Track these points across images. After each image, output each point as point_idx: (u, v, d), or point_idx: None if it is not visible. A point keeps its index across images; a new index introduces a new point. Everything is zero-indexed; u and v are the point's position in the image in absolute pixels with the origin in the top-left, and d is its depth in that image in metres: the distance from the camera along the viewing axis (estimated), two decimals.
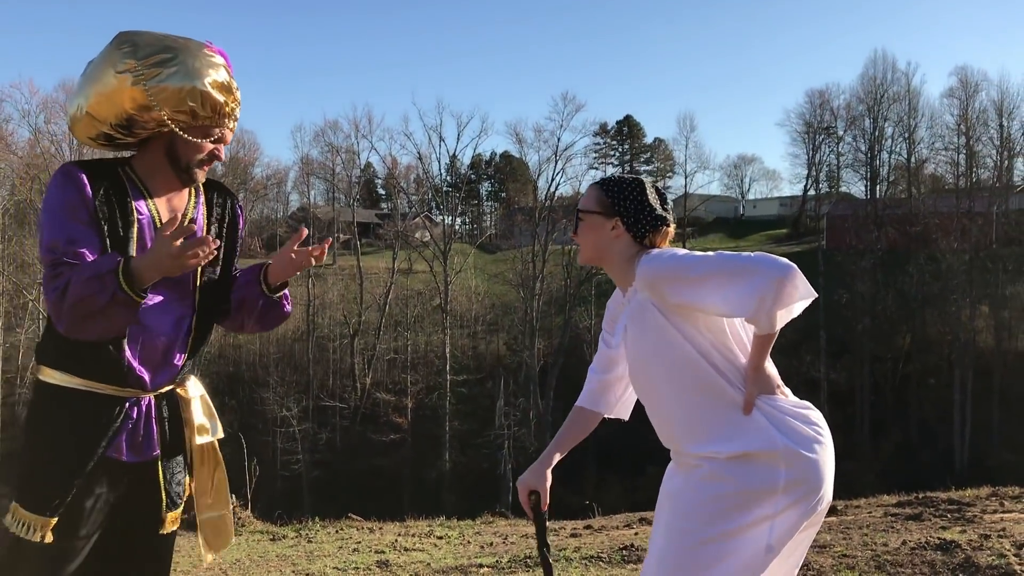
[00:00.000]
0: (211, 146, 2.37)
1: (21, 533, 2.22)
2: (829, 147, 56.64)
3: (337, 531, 7.93)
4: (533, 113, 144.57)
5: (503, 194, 67.29)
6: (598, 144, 65.25)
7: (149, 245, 2.27)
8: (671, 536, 2.32)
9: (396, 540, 7.10)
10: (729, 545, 2.25)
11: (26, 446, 2.35)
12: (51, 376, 2.30)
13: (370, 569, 5.69)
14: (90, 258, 2.17)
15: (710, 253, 2.35)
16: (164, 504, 2.41)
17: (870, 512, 6.89)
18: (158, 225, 2.32)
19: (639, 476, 28.69)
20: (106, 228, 2.22)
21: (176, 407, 2.43)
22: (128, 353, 2.27)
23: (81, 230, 2.20)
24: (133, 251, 2.26)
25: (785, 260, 2.23)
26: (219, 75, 2.30)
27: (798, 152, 58.77)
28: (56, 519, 2.23)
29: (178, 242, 2.07)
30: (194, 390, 2.47)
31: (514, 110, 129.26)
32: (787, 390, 2.45)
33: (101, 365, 2.26)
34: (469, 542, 7.08)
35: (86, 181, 2.22)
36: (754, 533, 2.25)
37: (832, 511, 7.10)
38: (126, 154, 2.45)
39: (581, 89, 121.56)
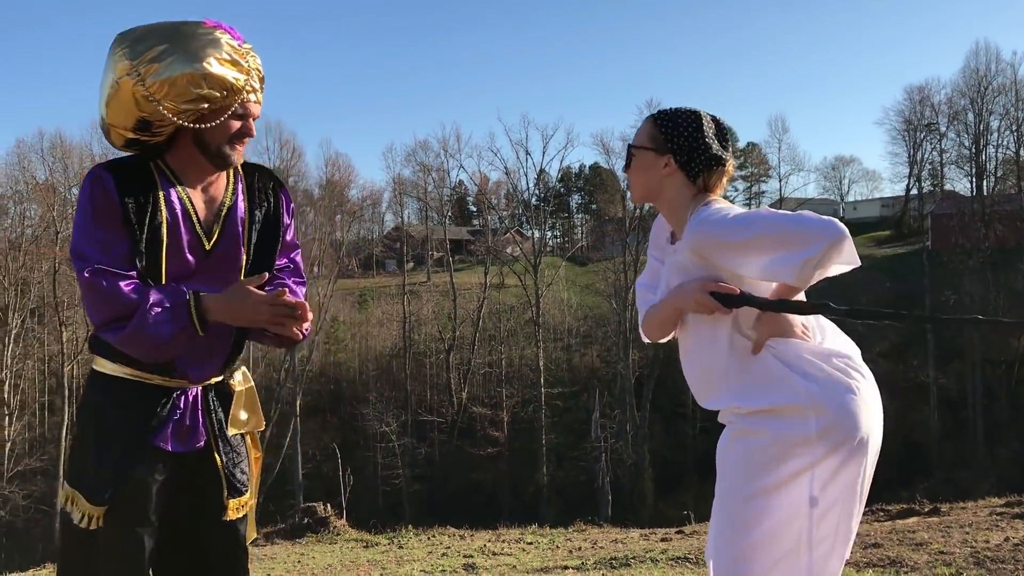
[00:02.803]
0: (237, 124, 2.30)
1: (79, 522, 2.25)
2: (931, 144, 54.54)
3: (429, 538, 8.02)
4: (619, 123, 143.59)
5: (593, 206, 67.09)
6: None
7: (184, 237, 2.29)
8: (720, 497, 2.29)
9: (485, 546, 7.14)
10: (772, 500, 2.18)
11: (80, 435, 2.37)
12: (104, 366, 2.34)
13: (456, 572, 5.74)
14: (121, 261, 2.20)
15: (760, 211, 2.24)
16: (225, 491, 2.40)
17: (975, 513, 6.59)
18: (192, 215, 2.31)
19: None
20: (136, 226, 2.21)
21: (227, 398, 2.44)
22: None
23: (111, 234, 2.21)
24: (164, 244, 2.26)
25: (835, 221, 2.13)
26: (221, 52, 2.21)
27: (898, 151, 56.58)
28: (107, 507, 2.24)
29: (269, 308, 2.21)
30: (242, 382, 2.49)
31: (600, 123, 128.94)
32: (820, 333, 2.31)
33: None
34: (558, 547, 7.07)
35: (113, 182, 2.21)
36: (795, 486, 2.17)
37: (934, 512, 6.82)
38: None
39: (667, 96, 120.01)
